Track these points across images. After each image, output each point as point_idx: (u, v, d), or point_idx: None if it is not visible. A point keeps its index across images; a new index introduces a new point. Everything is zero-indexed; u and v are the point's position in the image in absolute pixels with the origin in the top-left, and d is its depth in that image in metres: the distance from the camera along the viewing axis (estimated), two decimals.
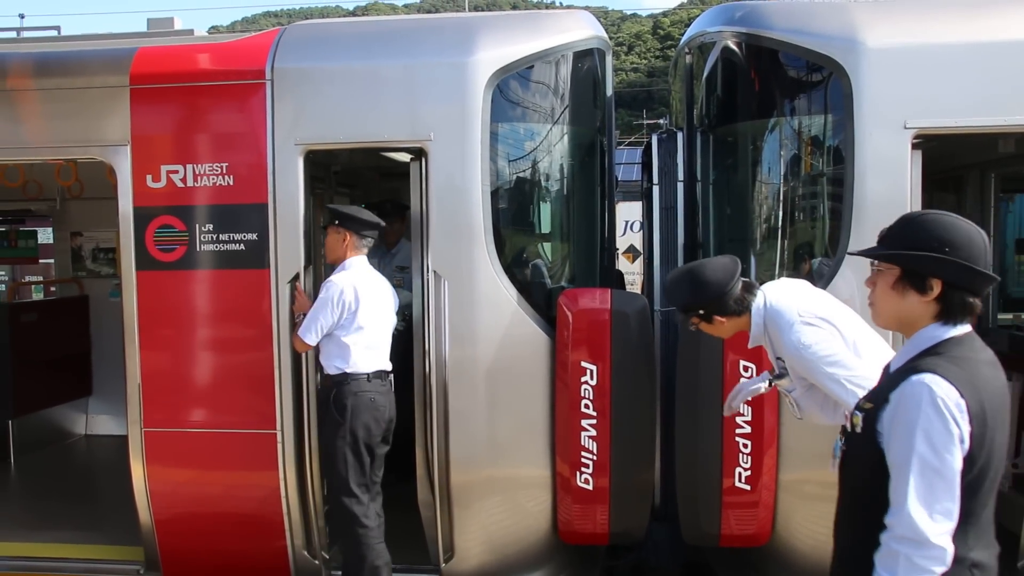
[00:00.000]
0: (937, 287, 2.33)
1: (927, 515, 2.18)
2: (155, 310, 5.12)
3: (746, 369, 4.66)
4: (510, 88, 5.03)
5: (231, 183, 5.00)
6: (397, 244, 6.51)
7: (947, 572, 2.21)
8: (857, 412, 2.45)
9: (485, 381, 4.90)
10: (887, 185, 4.66)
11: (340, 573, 5.05)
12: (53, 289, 10.25)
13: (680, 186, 5.62)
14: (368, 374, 4.78)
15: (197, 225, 5.03)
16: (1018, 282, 8.03)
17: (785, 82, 5.24)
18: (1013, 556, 4.97)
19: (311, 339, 4.75)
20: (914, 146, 4.67)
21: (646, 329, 4.95)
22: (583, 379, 4.79)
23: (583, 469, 4.85)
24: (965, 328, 2.37)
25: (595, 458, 4.83)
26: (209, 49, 5.24)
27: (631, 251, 14.16)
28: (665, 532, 5.93)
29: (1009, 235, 7.91)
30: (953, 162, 7.06)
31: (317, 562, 5.21)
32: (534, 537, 5.13)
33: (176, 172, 5.03)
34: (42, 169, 7.57)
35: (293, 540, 5.15)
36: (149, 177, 5.06)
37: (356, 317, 4.75)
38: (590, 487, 4.85)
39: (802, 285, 3.63)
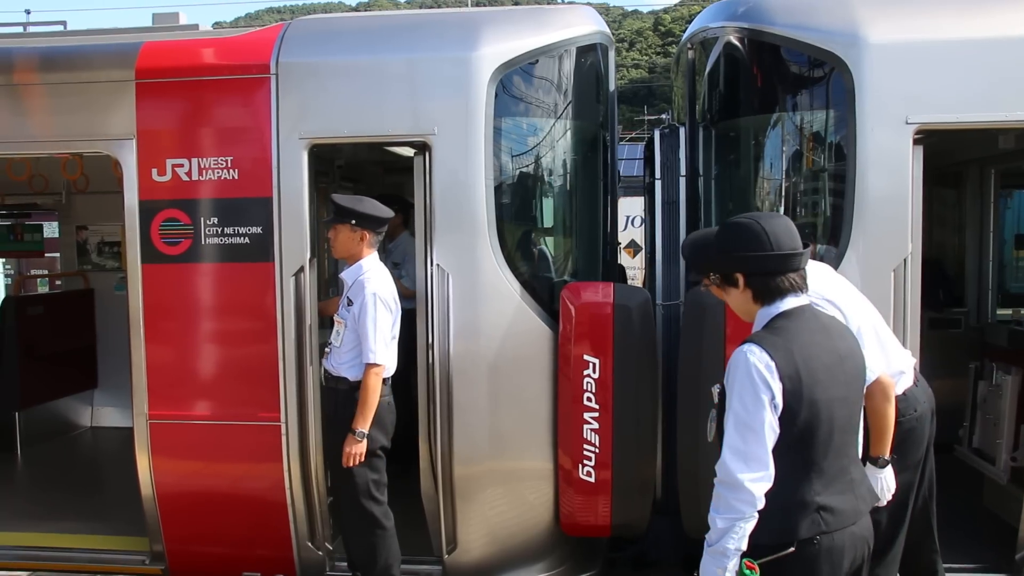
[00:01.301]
0: (740, 278, 2.76)
1: (741, 463, 2.55)
2: (160, 303, 5.16)
3: None
4: (514, 83, 5.05)
5: (236, 177, 5.03)
6: (394, 239, 6.52)
7: (792, 513, 2.58)
8: (715, 387, 2.79)
9: (488, 374, 4.93)
10: (888, 180, 4.68)
11: (345, 564, 5.09)
12: (59, 283, 10.29)
13: (682, 181, 5.64)
14: (386, 378, 4.73)
15: (202, 218, 5.06)
16: (1016, 278, 8.05)
17: (787, 77, 5.26)
18: (1011, 548, 5.01)
19: (384, 356, 4.61)
20: (915, 141, 4.69)
21: (648, 323, 4.98)
22: (585, 372, 4.82)
23: (585, 462, 4.88)
24: (792, 303, 2.73)
25: (597, 451, 4.86)
26: (214, 44, 5.27)
27: (632, 246, 14.19)
28: (666, 525, 5.96)
29: (1008, 231, 7.92)
30: (953, 158, 7.08)
31: (321, 553, 5.25)
32: (536, 529, 5.16)
33: (181, 166, 5.07)
34: (48, 163, 7.60)
35: (297, 531, 5.19)
36: (154, 171, 5.09)
37: (395, 322, 4.71)
38: (592, 479, 4.88)
39: (821, 267, 3.67)
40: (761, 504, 2.56)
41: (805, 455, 2.63)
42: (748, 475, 2.55)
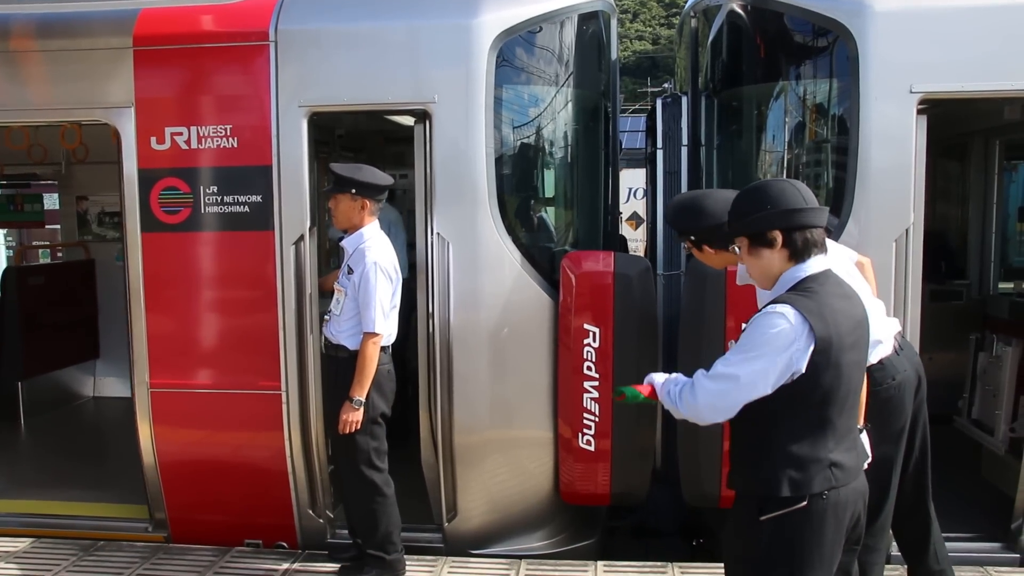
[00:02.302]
0: (779, 237, 2.75)
1: (715, 403, 2.73)
2: (160, 272, 5.15)
3: None
4: (515, 50, 5.02)
5: (235, 145, 5.00)
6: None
7: (808, 469, 2.67)
8: (733, 343, 2.84)
9: (489, 343, 4.94)
10: (891, 150, 4.66)
11: (346, 532, 5.12)
12: (60, 253, 10.28)
13: (684, 151, 5.62)
14: (386, 347, 4.71)
15: (201, 187, 5.04)
16: (1019, 252, 8.03)
17: (790, 46, 5.21)
18: (1007, 519, 5.03)
19: (383, 326, 4.58)
20: (919, 111, 4.66)
21: (649, 292, 4.98)
22: (586, 341, 4.83)
23: (585, 431, 4.89)
24: (819, 266, 2.78)
25: (597, 420, 4.88)
26: (212, 11, 5.22)
27: (634, 218, 14.16)
28: (666, 494, 6.00)
29: (1012, 204, 7.88)
30: (958, 129, 7.03)
31: (322, 521, 5.28)
32: (536, 498, 5.19)
33: (180, 134, 5.04)
34: (47, 133, 7.56)
35: (298, 499, 5.22)
36: (153, 139, 5.06)
37: (396, 292, 4.67)
38: (592, 448, 4.90)
39: None
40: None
41: (823, 414, 2.71)
42: (713, 415, 2.78)
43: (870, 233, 4.65)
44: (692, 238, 3.49)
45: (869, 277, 3.99)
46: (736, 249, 2.92)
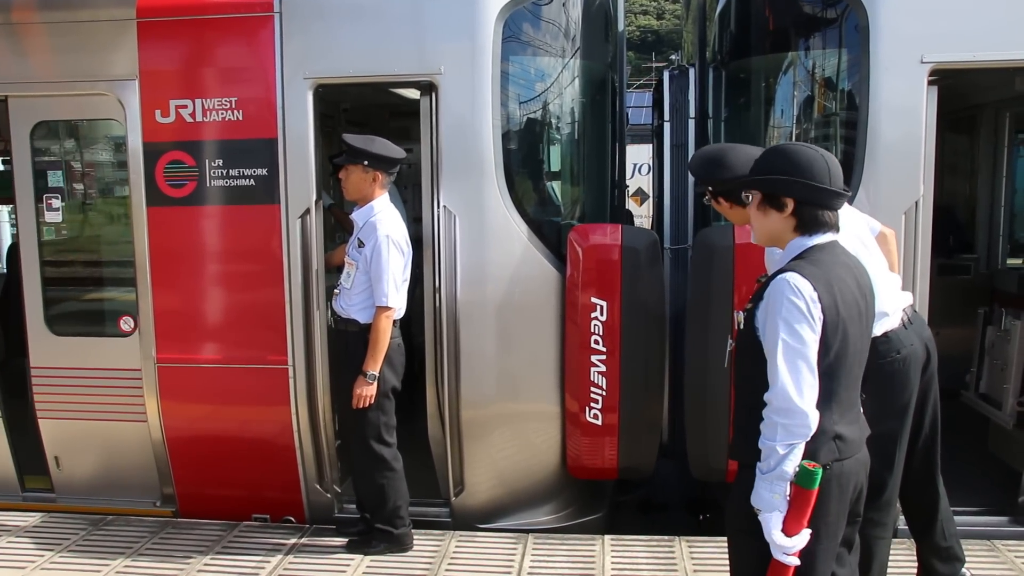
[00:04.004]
0: (790, 204, 2.76)
1: (795, 388, 2.61)
2: (166, 246, 5.13)
3: None
4: (521, 20, 4.96)
5: (240, 118, 4.97)
6: None
7: (814, 440, 2.64)
8: (740, 312, 2.86)
9: (495, 316, 4.92)
10: (902, 121, 4.62)
11: (353, 507, 5.13)
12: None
13: (691, 123, 5.57)
14: (396, 320, 4.70)
15: (207, 160, 5.02)
16: None
17: (800, 15, 5.16)
18: (1014, 493, 5.03)
19: (396, 299, 4.57)
20: (930, 82, 4.61)
21: (657, 265, 4.95)
22: (593, 315, 4.81)
23: (592, 405, 4.89)
24: (826, 237, 2.80)
25: (604, 394, 4.87)
26: None
27: (639, 194, 14.10)
28: (673, 469, 6.00)
29: (1021, 178, 7.81)
30: (968, 101, 6.97)
31: (329, 495, 5.29)
32: (543, 472, 5.20)
33: (185, 107, 5.01)
34: None
35: (306, 473, 5.23)
36: (158, 112, 5.03)
37: (407, 265, 4.66)
38: (599, 422, 4.90)
39: None
40: (815, 426, 2.64)
41: (829, 385, 2.70)
42: (804, 401, 2.61)
43: (879, 204, 4.60)
44: (711, 188, 3.49)
45: (892, 249, 3.97)
46: (747, 197, 2.91)
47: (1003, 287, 6.80)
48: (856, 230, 3.65)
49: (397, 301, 4.57)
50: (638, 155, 12.94)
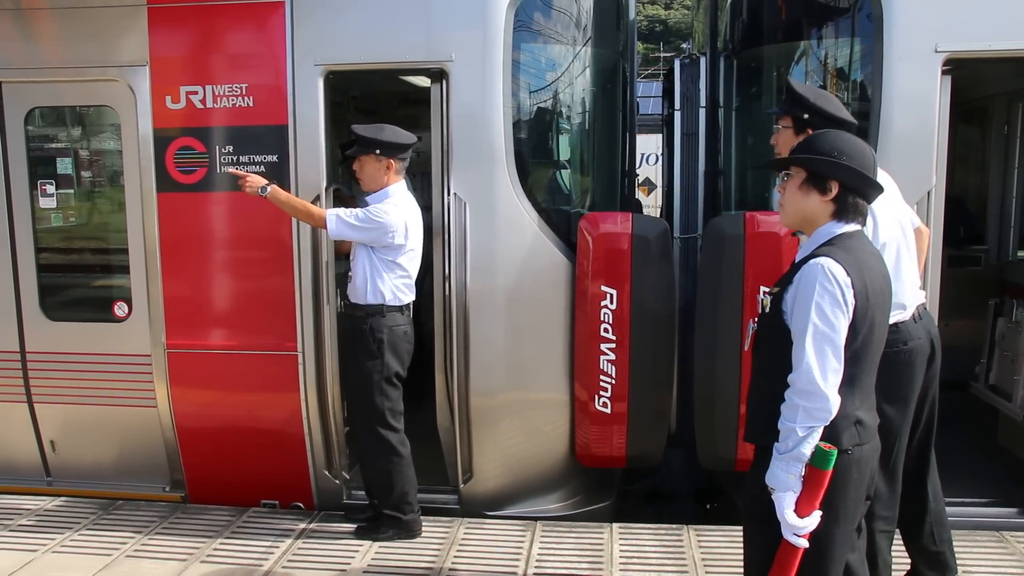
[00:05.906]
0: (835, 188, 2.79)
1: (820, 371, 2.63)
2: (176, 232, 5.14)
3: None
4: (533, 9, 4.94)
5: (250, 104, 4.97)
6: None
7: (836, 425, 2.68)
8: (766, 296, 2.87)
9: (505, 304, 4.92)
10: (915, 111, 4.59)
11: (362, 493, 5.15)
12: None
13: (702, 112, 5.55)
14: (403, 306, 4.72)
15: (217, 147, 5.02)
16: None
17: (813, 4, 5.12)
18: (1021, 483, 5.03)
19: (335, 229, 4.55)
20: (944, 72, 4.58)
21: (667, 253, 4.94)
22: (603, 303, 4.80)
23: (601, 393, 4.88)
24: (856, 227, 2.84)
25: (613, 382, 4.86)
26: None
27: (647, 184, 14.07)
28: (681, 457, 6.00)
29: None
30: (980, 92, 6.92)
31: (338, 482, 5.30)
32: (552, 460, 5.20)
33: (195, 93, 5.01)
34: None
35: (314, 460, 5.24)
36: (168, 98, 5.03)
37: (400, 252, 4.65)
38: (608, 411, 4.89)
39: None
40: (835, 411, 2.66)
41: (853, 370, 2.72)
42: (828, 385, 2.64)
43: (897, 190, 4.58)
44: (805, 116, 3.52)
45: (923, 248, 4.00)
46: (785, 176, 2.90)
47: (1013, 279, 6.77)
48: (900, 216, 3.66)
49: (334, 228, 4.55)
50: (645, 145, 12.93)
